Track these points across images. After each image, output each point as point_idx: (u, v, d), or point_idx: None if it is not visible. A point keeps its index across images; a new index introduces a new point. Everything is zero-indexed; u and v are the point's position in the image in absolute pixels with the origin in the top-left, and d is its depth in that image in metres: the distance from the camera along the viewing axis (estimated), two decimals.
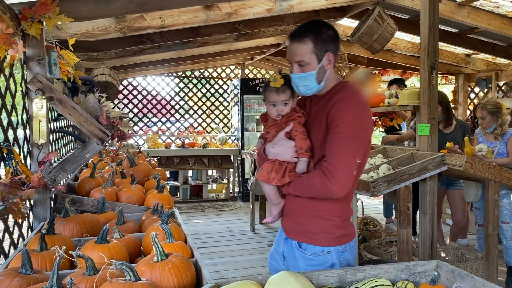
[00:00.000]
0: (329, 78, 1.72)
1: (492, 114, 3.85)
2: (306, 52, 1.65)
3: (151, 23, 3.40)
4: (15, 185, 1.85)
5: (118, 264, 1.38)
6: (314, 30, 1.66)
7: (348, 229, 1.76)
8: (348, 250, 1.75)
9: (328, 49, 1.67)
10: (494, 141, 3.93)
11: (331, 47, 1.68)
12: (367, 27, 3.92)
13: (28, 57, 2.48)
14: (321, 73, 1.68)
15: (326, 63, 1.68)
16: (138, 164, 3.30)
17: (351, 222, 1.79)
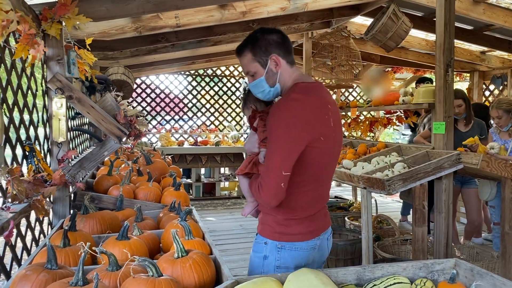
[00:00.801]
0: (286, 79, 1.74)
1: (508, 113, 3.81)
2: (248, 63, 1.73)
3: (166, 22, 3.43)
4: (38, 183, 1.89)
5: (141, 260, 1.41)
6: (250, 41, 1.72)
7: (291, 229, 1.74)
8: (287, 249, 1.73)
9: (270, 52, 1.70)
10: (508, 139, 3.90)
11: (274, 50, 1.70)
12: (381, 25, 3.91)
13: (48, 56, 2.52)
14: (271, 77, 1.73)
15: (273, 66, 1.71)
16: (154, 162, 3.34)
17: (300, 226, 1.74)
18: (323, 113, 1.67)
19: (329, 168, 1.78)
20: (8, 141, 2.05)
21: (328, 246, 1.89)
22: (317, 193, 1.76)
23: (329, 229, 1.89)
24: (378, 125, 4.31)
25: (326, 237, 1.86)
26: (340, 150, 1.85)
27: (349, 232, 4.58)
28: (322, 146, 1.67)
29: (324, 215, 1.85)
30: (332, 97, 1.81)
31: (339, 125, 1.79)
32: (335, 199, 6.24)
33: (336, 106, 1.79)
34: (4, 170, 1.69)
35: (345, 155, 3.89)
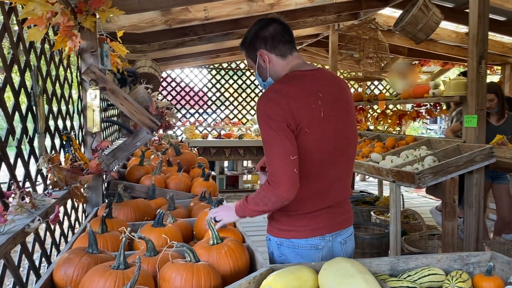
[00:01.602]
0: (278, 71, 1.71)
1: None
2: (247, 60, 1.78)
3: (195, 15, 3.46)
4: (76, 171, 1.95)
5: (179, 246, 1.45)
6: (242, 41, 1.75)
7: (287, 226, 1.68)
8: (285, 246, 1.68)
9: (256, 48, 1.69)
10: None
11: (260, 45, 1.68)
12: (411, 17, 3.84)
13: (82, 49, 2.59)
14: (262, 72, 1.74)
15: (261, 62, 1.70)
16: (183, 153, 3.39)
17: (297, 222, 1.67)
18: (306, 103, 1.56)
19: (327, 163, 1.64)
20: (47, 130, 2.11)
21: (344, 250, 1.75)
22: (313, 189, 1.65)
23: (343, 231, 1.74)
24: (407, 118, 4.25)
25: (340, 240, 1.72)
26: (346, 148, 1.70)
27: (375, 226, 4.55)
28: (310, 139, 1.57)
29: (333, 215, 1.71)
30: (334, 86, 1.69)
31: (339, 117, 1.65)
32: (360, 194, 6.20)
33: (337, 97, 1.67)
34: (46, 158, 1.75)
35: (373, 149, 3.86)
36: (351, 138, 1.72)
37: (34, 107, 1.84)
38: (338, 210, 1.73)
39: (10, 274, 1.62)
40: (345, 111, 1.69)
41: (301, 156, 1.56)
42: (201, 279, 1.36)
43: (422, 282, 1.50)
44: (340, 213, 1.73)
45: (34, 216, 1.43)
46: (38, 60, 2.04)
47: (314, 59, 8.85)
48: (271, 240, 1.74)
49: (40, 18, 1.54)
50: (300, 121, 1.54)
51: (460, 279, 1.45)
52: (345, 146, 1.69)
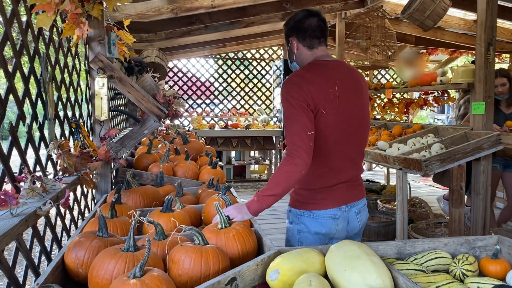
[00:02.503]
0: (303, 59, 1.98)
1: None
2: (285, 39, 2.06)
3: (202, 3, 3.46)
4: (86, 157, 1.98)
5: (188, 229, 1.47)
6: (285, 22, 2.01)
7: (307, 199, 1.94)
8: (306, 216, 1.93)
9: (290, 35, 1.98)
10: None
11: (293, 33, 1.96)
12: (419, 3, 3.80)
13: (90, 37, 2.60)
14: (290, 55, 2.02)
15: (292, 46, 1.99)
16: (190, 142, 3.41)
17: (317, 196, 1.92)
18: (324, 88, 1.81)
19: (342, 142, 1.87)
20: (57, 117, 2.14)
21: (359, 219, 1.99)
22: (329, 166, 1.89)
23: (357, 202, 1.98)
24: (414, 106, 4.22)
25: (354, 210, 1.96)
26: (359, 130, 1.93)
27: (381, 215, 4.57)
28: (326, 119, 1.81)
29: (348, 189, 1.94)
30: (350, 76, 1.92)
31: (353, 103, 1.89)
32: (367, 182, 6.21)
33: (352, 85, 1.90)
34: (56, 144, 1.77)
35: (380, 137, 3.85)
36: (364, 122, 1.97)
37: (43, 94, 1.86)
38: (352, 184, 1.97)
39: (23, 258, 1.65)
40: (359, 98, 1.93)
41: (319, 135, 1.81)
42: (209, 261, 1.38)
43: (429, 265, 1.52)
44: (354, 187, 1.98)
45: (45, 199, 1.46)
46: (47, 47, 2.05)
47: None
48: (291, 211, 2.01)
49: (48, 4, 1.55)
50: (318, 103, 1.78)
51: (466, 262, 1.46)
52: (358, 129, 1.93)
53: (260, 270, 1.40)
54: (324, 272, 1.38)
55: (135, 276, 1.19)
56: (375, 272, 1.23)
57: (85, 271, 1.43)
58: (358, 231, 2.04)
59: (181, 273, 1.36)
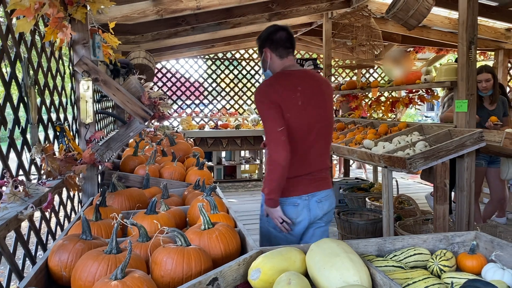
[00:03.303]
0: (275, 68, 2.26)
1: None
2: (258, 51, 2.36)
3: (187, 5, 3.47)
4: (70, 160, 1.98)
5: (170, 231, 1.48)
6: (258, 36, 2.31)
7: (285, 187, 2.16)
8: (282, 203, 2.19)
9: (263, 46, 2.27)
10: None
11: (266, 44, 2.25)
12: (403, 3, 3.85)
13: (74, 40, 2.60)
14: (264, 64, 2.32)
15: (265, 57, 2.28)
16: (177, 143, 3.42)
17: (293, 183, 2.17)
18: (289, 94, 2.12)
19: (304, 139, 2.16)
20: (41, 121, 2.14)
21: (320, 208, 2.24)
22: (295, 160, 2.14)
23: (319, 192, 2.24)
24: (399, 105, 4.28)
25: (315, 200, 2.23)
26: (321, 129, 2.20)
27: (369, 212, 4.61)
28: (291, 121, 2.10)
29: (310, 181, 2.22)
30: (313, 82, 2.21)
31: (315, 106, 2.17)
32: (355, 181, 6.26)
33: (314, 91, 2.19)
34: (39, 148, 1.78)
35: (366, 135, 3.89)
36: (326, 122, 2.24)
37: (25, 98, 1.87)
38: (315, 177, 2.23)
39: (6, 262, 1.66)
40: (320, 102, 2.21)
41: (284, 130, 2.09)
42: (191, 262, 1.39)
43: (408, 261, 1.55)
44: (317, 179, 2.23)
45: (28, 203, 1.47)
46: (28, 51, 2.05)
47: (309, 48, 8.85)
48: (262, 196, 2.25)
49: (28, 9, 1.56)
50: (284, 107, 2.09)
51: (444, 258, 1.50)
52: (320, 128, 2.20)
53: (242, 270, 1.42)
54: (305, 270, 1.41)
55: (116, 278, 1.20)
56: (353, 269, 1.25)
57: (69, 274, 1.44)
58: (321, 218, 2.28)
59: (163, 274, 1.38)
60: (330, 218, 2.36)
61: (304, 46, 8.81)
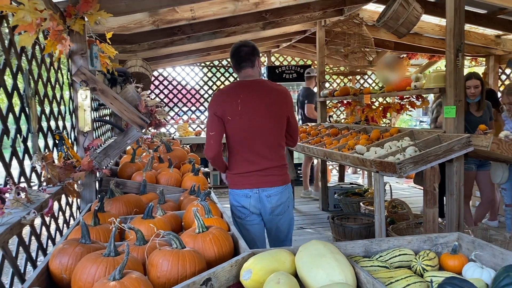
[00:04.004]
0: (239, 78, 2.66)
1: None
2: None
3: (182, 15, 3.56)
4: (69, 168, 2.06)
5: (166, 234, 1.56)
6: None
7: (232, 181, 2.65)
8: (231, 193, 2.65)
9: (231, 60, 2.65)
10: None
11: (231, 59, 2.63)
12: (392, 12, 3.95)
13: (72, 51, 2.68)
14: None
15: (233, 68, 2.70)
16: (174, 150, 3.49)
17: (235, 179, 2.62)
18: (230, 101, 2.48)
19: (246, 142, 2.52)
20: (40, 130, 2.21)
21: (269, 202, 2.58)
22: (241, 158, 2.57)
23: (268, 188, 2.56)
24: (391, 111, 4.37)
25: (265, 194, 2.56)
26: (261, 132, 2.51)
27: (363, 217, 4.69)
28: (232, 124, 2.48)
29: (259, 177, 2.55)
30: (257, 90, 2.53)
31: (253, 112, 2.48)
32: (350, 185, 6.34)
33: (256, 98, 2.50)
34: (39, 156, 1.85)
35: (359, 141, 3.98)
36: (266, 126, 2.52)
37: (27, 109, 1.94)
38: (263, 174, 2.56)
39: (8, 265, 1.72)
40: (261, 108, 2.50)
41: (231, 135, 2.54)
42: (186, 264, 1.47)
43: (393, 262, 1.62)
44: (265, 176, 2.56)
45: (30, 209, 1.54)
46: (29, 63, 2.13)
47: (304, 54, 8.96)
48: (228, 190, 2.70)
49: (30, 25, 1.64)
50: (225, 112, 2.48)
51: (427, 258, 1.57)
52: (261, 131, 2.52)
53: (235, 271, 1.49)
54: (295, 271, 1.48)
55: (114, 279, 1.27)
56: (338, 268, 1.33)
57: (69, 276, 1.51)
58: (271, 210, 2.61)
59: (160, 275, 1.45)
60: (283, 210, 2.65)
61: (299, 53, 8.92)
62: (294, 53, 9.06)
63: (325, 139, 4.62)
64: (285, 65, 8.58)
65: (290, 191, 2.69)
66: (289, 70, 8.04)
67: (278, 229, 2.70)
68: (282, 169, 2.62)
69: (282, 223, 2.67)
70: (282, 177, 2.61)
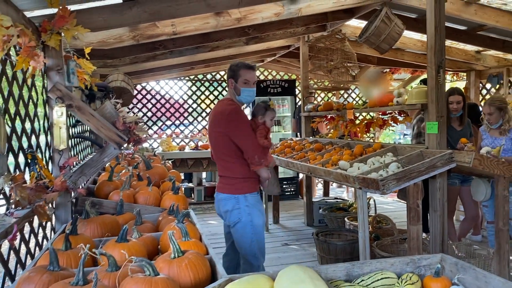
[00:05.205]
0: None
1: (499, 110, 3.90)
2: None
3: (163, 30, 3.52)
4: (40, 189, 1.97)
5: (138, 261, 1.48)
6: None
7: None
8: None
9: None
10: (499, 137, 3.97)
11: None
12: (374, 28, 3.97)
13: (48, 67, 2.61)
14: None
15: None
16: (153, 167, 3.41)
17: None
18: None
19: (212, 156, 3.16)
20: (11, 150, 2.12)
21: (217, 205, 3.12)
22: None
23: (218, 193, 3.07)
24: (374, 126, 4.38)
25: (217, 198, 3.09)
26: (213, 149, 3.09)
27: (348, 232, 4.64)
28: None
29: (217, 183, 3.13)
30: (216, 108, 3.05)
31: (210, 125, 3.01)
32: (334, 200, 6.31)
33: (214, 115, 3.01)
34: (8, 178, 1.76)
35: (342, 156, 3.95)
36: (213, 143, 3.05)
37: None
38: (219, 180, 3.10)
39: None
40: (211, 126, 3.01)
41: None
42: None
43: (376, 285, 1.57)
44: (219, 182, 3.09)
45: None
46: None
47: (288, 69, 8.99)
48: None
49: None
50: None
51: (409, 281, 1.53)
52: (212, 147, 3.09)
53: None
54: None
55: None
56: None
57: None
58: (224, 216, 3.05)
59: None
60: (233, 221, 2.96)
61: (283, 67, 8.94)
62: (278, 67, 9.08)
63: (309, 154, 4.59)
64: (270, 79, 8.58)
65: (239, 203, 2.93)
66: (274, 84, 8.05)
67: (236, 242, 3.02)
68: (229, 180, 2.96)
69: (236, 237, 2.99)
70: (228, 186, 2.96)
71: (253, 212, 2.97)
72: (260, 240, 3.02)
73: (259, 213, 3.02)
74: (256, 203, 3.01)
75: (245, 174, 2.95)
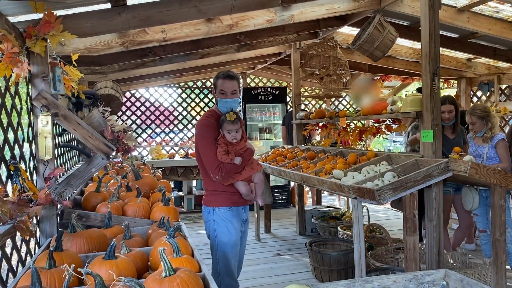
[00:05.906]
0: None
1: (481, 119, 3.89)
2: (236, 86, 2.85)
3: (153, 37, 3.43)
4: (23, 203, 1.86)
5: (127, 281, 1.39)
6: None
7: None
8: None
9: None
10: (482, 145, 3.96)
11: None
12: (367, 35, 3.93)
13: (33, 74, 2.50)
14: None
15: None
16: (143, 177, 3.31)
17: None
18: None
19: None
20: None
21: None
22: None
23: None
24: (367, 134, 4.33)
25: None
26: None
27: (342, 242, 4.57)
28: None
29: None
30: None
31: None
32: (327, 209, 6.24)
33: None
34: None
35: (336, 165, 3.89)
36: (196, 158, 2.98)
37: None
38: None
39: None
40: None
41: None
42: None
43: None
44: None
45: None
46: None
47: (279, 76, 8.95)
48: None
49: None
50: None
51: None
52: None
53: None
54: None
55: None
56: None
57: None
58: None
59: None
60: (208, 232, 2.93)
61: (274, 74, 8.90)
62: (269, 74, 9.03)
63: (302, 163, 4.52)
64: (261, 87, 8.51)
65: (209, 216, 2.88)
66: (265, 91, 8.00)
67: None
68: (207, 192, 2.95)
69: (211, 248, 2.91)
70: (204, 197, 2.97)
71: (219, 228, 2.80)
72: (226, 259, 2.80)
73: (226, 230, 2.80)
74: (224, 219, 2.81)
75: (216, 187, 2.84)
